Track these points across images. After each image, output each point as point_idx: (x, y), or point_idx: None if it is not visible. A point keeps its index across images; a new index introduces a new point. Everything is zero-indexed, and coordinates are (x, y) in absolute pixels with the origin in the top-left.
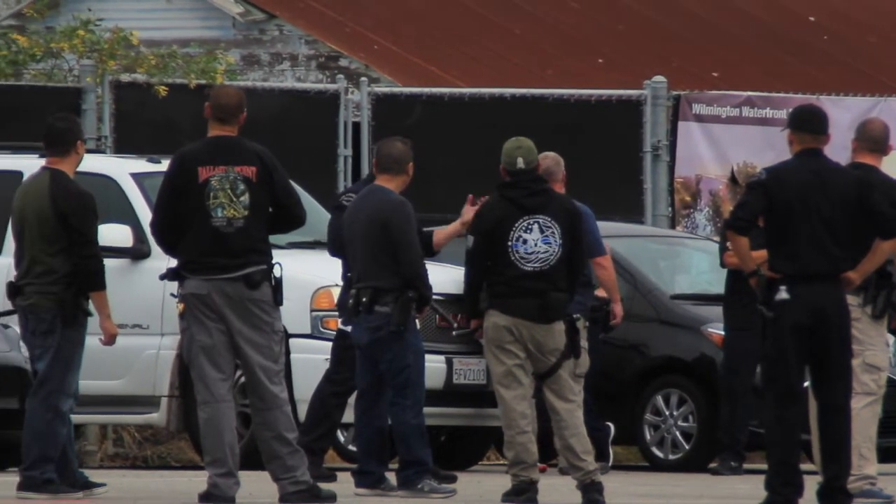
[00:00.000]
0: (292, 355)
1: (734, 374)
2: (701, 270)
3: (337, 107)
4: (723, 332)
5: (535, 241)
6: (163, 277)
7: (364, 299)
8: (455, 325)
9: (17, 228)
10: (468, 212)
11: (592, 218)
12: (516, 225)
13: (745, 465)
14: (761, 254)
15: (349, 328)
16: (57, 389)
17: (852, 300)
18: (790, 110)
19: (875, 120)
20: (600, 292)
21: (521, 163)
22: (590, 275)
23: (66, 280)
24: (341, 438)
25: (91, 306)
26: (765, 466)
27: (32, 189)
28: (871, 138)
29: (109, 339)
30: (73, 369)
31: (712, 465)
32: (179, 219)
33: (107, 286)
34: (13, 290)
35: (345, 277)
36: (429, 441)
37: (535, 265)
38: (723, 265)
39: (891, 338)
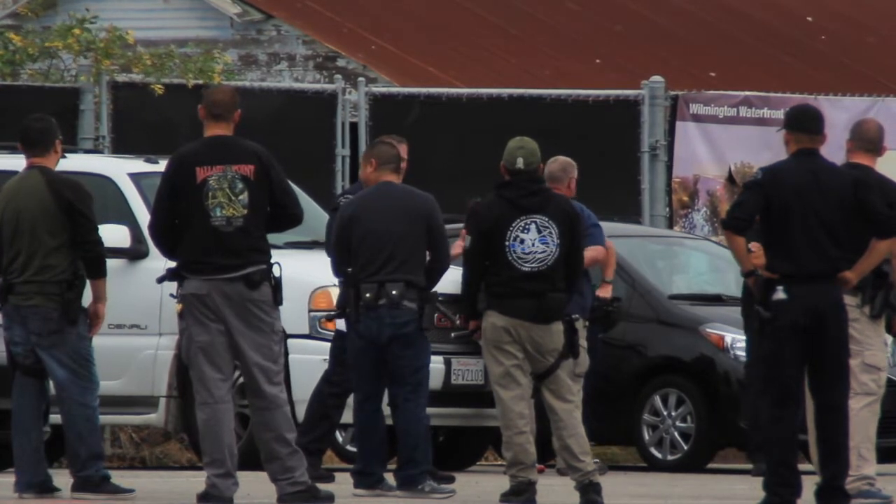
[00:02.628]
0: (290, 356)
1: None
2: (699, 271)
3: (334, 107)
4: (720, 333)
5: (533, 242)
6: (160, 280)
7: (394, 293)
8: (457, 321)
9: (8, 230)
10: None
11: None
12: (513, 225)
13: (743, 466)
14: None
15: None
16: (85, 386)
17: (850, 300)
18: (786, 110)
19: (870, 120)
20: (602, 292)
21: (520, 163)
22: (589, 274)
23: (65, 277)
24: (340, 439)
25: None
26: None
27: (24, 188)
28: (865, 139)
29: (99, 325)
30: (91, 361)
31: (751, 466)
32: (178, 219)
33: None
34: (5, 289)
35: (343, 276)
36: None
37: (533, 265)
38: None
39: (889, 338)
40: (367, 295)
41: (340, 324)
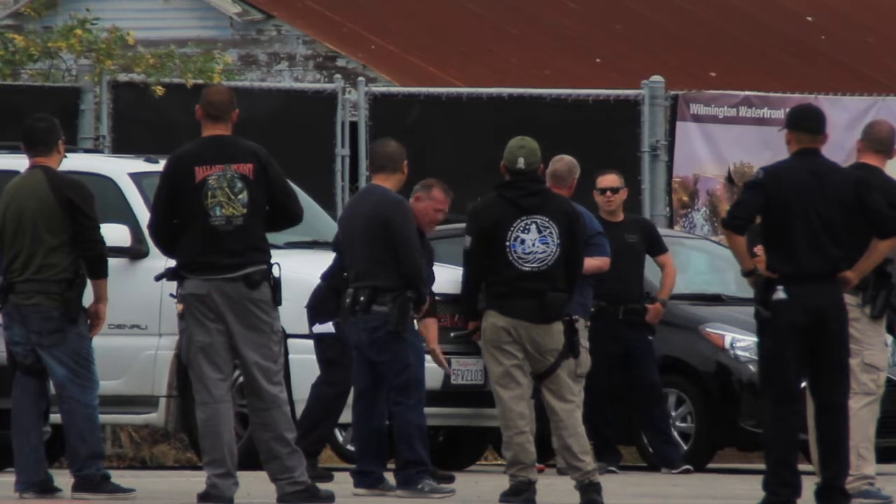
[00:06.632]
0: (290, 355)
1: None
2: (699, 270)
3: (334, 107)
4: (720, 333)
5: (533, 242)
6: (158, 278)
7: (362, 298)
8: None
9: (10, 229)
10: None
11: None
12: (514, 225)
13: (744, 466)
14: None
15: (331, 329)
16: (85, 385)
17: (851, 300)
18: (788, 110)
19: (882, 121)
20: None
21: (521, 163)
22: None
23: (66, 276)
24: (339, 438)
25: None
26: (763, 466)
27: (26, 187)
28: (877, 139)
29: (100, 325)
30: (92, 360)
31: None
32: (177, 219)
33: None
34: (5, 288)
35: (325, 276)
36: (427, 441)
37: (534, 265)
38: None
39: (889, 338)
40: (347, 301)
41: (317, 328)
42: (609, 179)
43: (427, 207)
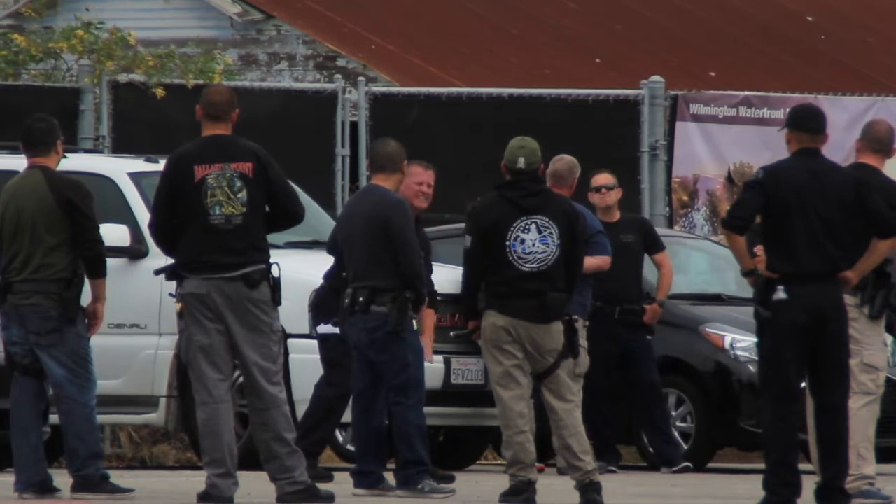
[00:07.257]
0: (290, 355)
1: None
2: (699, 270)
3: (334, 106)
4: (720, 333)
5: (534, 242)
6: (158, 272)
7: (361, 299)
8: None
9: (9, 229)
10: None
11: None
12: (514, 225)
13: (744, 466)
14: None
15: (335, 330)
16: (83, 385)
17: (850, 300)
18: (788, 110)
19: (881, 121)
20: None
21: (521, 163)
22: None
23: (65, 275)
24: (339, 438)
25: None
26: (763, 466)
27: (25, 187)
28: (875, 139)
29: (98, 325)
30: (89, 360)
31: None
32: (177, 219)
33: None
34: (4, 288)
35: (327, 276)
36: (427, 441)
37: (534, 265)
38: None
39: (888, 337)
40: (346, 301)
41: (322, 328)
42: (603, 178)
43: (409, 184)
